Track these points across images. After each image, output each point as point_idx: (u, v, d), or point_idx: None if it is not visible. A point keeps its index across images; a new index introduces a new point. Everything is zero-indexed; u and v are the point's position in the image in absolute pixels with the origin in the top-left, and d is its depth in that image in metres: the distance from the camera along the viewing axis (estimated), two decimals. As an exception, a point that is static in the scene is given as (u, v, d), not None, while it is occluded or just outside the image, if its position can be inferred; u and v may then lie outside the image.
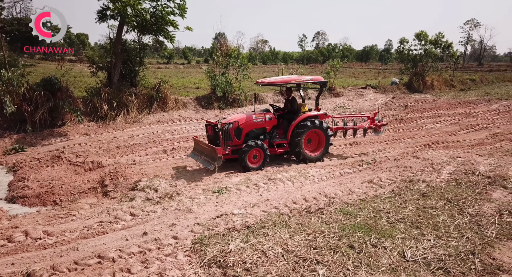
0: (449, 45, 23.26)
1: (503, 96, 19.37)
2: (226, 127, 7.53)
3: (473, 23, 71.63)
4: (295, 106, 8.22)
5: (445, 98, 18.92)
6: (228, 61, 13.82)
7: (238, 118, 7.78)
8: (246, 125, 7.63)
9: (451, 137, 10.43)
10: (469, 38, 75.01)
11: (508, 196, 5.43)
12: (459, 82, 26.22)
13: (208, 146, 7.28)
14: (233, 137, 7.54)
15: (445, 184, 6.02)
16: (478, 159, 7.66)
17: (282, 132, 8.11)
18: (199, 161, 7.51)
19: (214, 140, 7.41)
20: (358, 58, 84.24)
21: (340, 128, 9.32)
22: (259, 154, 7.47)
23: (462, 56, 59.50)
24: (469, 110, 15.31)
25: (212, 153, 7.03)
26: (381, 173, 6.79)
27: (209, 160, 7.20)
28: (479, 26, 71.62)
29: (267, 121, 7.86)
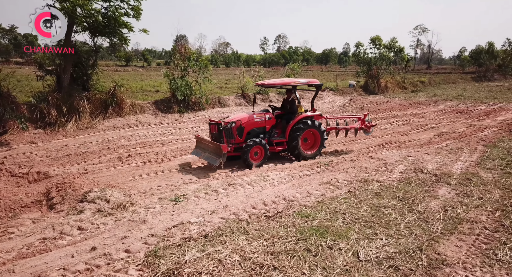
0: (401, 49, 24.67)
1: (448, 97, 20.86)
2: (229, 126, 7.83)
3: (421, 28, 76.69)
4: (294, 107, 8.59)
5: (397, 100, 19.98)
6: (187, 64, 13.55)
7: (241, 117, 8.10)
8: (248, 124, 8.02)
9: (403, 137, 10.99)
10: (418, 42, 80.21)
11: (452, 192, 5.79)
12: (410, 84, 27.86)
13: (213, 143, 7.65)
14: (235, 135, 7.89)
15: (397, 183, 6.30)
16: (426, 157, 8.13)
17: (280, 131, 8.54)
18: (203, 158, 7.83)
19: (217, 138, 7.83)
20: (318, 61, 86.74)
21: (333, 128, 9.77)
22: (260, 152, 7.88)
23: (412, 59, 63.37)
24: (419, 110, 16.28)
25: (217, 150, 7.43)
26: (338, 174, 6.97)
27: (214, 156, 7.54)
28: (426, 31, 76.87)
29: (267, 121, 8.29)
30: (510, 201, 5.27)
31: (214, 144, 7.62)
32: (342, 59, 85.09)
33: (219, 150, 7.35)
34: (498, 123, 12.70)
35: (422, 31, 77.67)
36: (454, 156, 8.26)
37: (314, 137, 8.71)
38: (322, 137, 8.65)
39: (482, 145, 9.16)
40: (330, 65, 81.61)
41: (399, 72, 29.73)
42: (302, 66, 20.97)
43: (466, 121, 13.44)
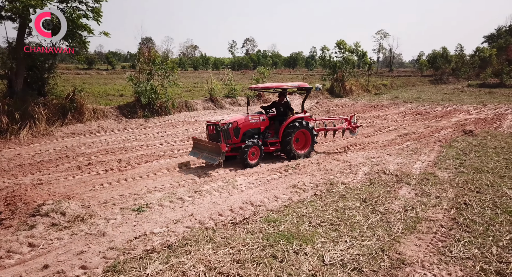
0: (364, 53, 25.62)
1: (408, 99, 21.93)
2: (226, 127, 8.12)
3: (383, 33, 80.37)
4: (290, 108, 9.13)
5: (362, 102, 20.70)
6: (152, 67, 13.20)
7: (237, 118, 8.43)
8: (244, 125, 8.38)
9: (367, 139, 11.36)
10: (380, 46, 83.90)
11: (411, 192, 6.03)
12: (373, 87, 29.01)
13: (211, 143, 8.03)
14: (232, 136, 8.22)
15: (361, 184, 6.47)
16: (388, 158, 8.43)
17: (274, 132, 8.97)
18: (202, 157, 8.13)
19: (215, 138, 8.19)
20: (286, 65, 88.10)
21: (322, 129, 10.21)
22: (256, 152, 8.25)
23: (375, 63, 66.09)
24: (381, 112, 16.94)
25: (216, 149, 7.79)
26: (305, 177, 7.05)
27: (213, 155, 7.86)
28: (388, 36, 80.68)
29: (261, 122, 8.70)
30: (463, 199, 5.57)
31: (212, 143, 7.99)
32: (309, 62, 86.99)
33: (218, 149, 7.73)
34: (452, 124, 13.50)
35: (383, 35, 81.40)
36: (414, 156, 8.64)
37: (305, 138, 9.13)
38: (313, 138, 9.08)
39: (439, 146, 9.66)
40: (298, 69, 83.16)
41: (363, 75, 30.87)
42: (271, 69, 21.12)
43: (425, 123, 14.16)
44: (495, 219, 4.83)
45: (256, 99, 19.53)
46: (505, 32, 64.71)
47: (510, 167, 7.40)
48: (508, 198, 5.60)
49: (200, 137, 11.28)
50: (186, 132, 11.98)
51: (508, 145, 9.37)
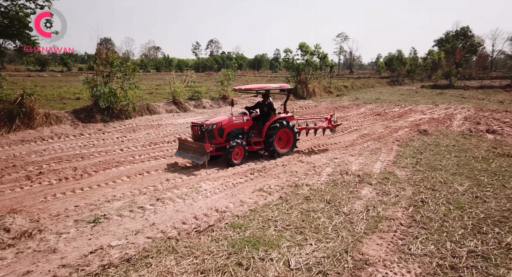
0: (325, 55, 26.31)
1: (368, 100, 22.84)
2: (210, 127, 8.30)
3: (343, 36, 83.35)
4: (273, 108, 9.35)
5: (324, 104, 21.24)
6: (110, 69, 12.59)
7: (221, 119, 8.66)
8: (228, 125, 8.61)
9: (330, 140, 11.62)
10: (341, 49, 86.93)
11: (373, 192, 6.22)
12: (335, 89, 29.91)
13: (196, 143, 8.21)
14: (216, 136, 8.40)
15: (325, 186, 6.57)
16: (350, 159, 8.67)
17: (257, 132, 9.23)
18: (187, 157, 8.32)
19: (200, 138, 8.35)
20: (250, 66, 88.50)
21: (304, 128, 10.64)
22: (240, 152, 8.52)
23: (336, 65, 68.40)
24: (343, 113, 17.47)
25: (201, 149, 7.97)
26: (271, 180, 7.04)
27: (198, 155, 8.06)
28: (348, 39, 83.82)
29: (245, 122, 8.95)
30: (420, 197, 5.83)
31: (197, 144, 8.17)
32: (273, 64, 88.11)
33: (203, 149, 7.91)
34: (409, 124, 14.22)
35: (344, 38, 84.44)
36: (374, 156, 8.95)
37: (288, 137, 9.47)
38: (295, 137, 9.46)
39: (397, 145, 10.11)
40: (263, 71, 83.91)
41: (325, 77, 31.73)
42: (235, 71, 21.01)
43: (383, 123, 14.79)
44: (448, 215, 5.09)
45: (221, 102, 19.37)
46: (452, 36, 69.86)
47: (460, 164, 7.89)
48: (459, 194, 5.95)
49: (163, 141, 10.95)
50: (148, 136, 11.56)
51: (458, 143, 10.01)
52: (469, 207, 5.35)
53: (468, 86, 33.73)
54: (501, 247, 4.16)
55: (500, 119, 13.76)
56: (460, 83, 36.24)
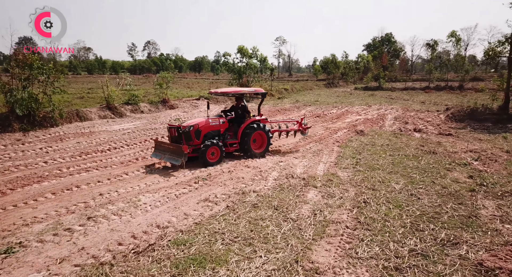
0: (264, 58, 26.69)
1: (307, 102, 23.68)
2: (188, 129, 8.52)
3: (281, 40, 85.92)
4: (247, 111, 9.72)
5: (267, 107, 21.48)
6: (29, 72, 11.15)
7: (198, 121, 8.88)
8: (204, 127, 8.82)
9: (274, 143, 11.66)
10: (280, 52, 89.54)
11: (318, 195, 6.28)
12: (276, 91, 30.54)
13: (173, 145, 8.41)
14: (193, 138, 8.61)
15: (272, 191, 6.48)
16: (295, 161, 8.75)
17: (233, 134, 9.53)
18: (164, 159, 8.45)
19: (177, 140, 8.63)
20: (191, 69, 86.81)
21: (277, 130, 11.15)
22: (216, 152, 8.65)
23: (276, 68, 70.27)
24: (285, 116, 17.81)
25: (178, 150, 8.14)
26: (217, 188, 6.75)
27: (175, 157, 8.21)
28: (285, 42, 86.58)
29: (221, 125, 9.21)
30: (362, 197, 6.03)
31: (174, 145, 8.36)
32: (214, 67, 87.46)
33: (180, 150, 8.06)
34: (346, 124, 14.97)
35: (282, 42, 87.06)
36: (317, 158, 9.16)
37: (262, 138, 9.78)
38: (268, 138, 9.76)
39: (337, 146, 10.51)
40: (204, 73, 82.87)
41: (267, 80, 32.28)
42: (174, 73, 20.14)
43: (323, 124, 15.35)
44: (389, 215, 5.31)
45: (160, 105, 18.48)
46: (378, 42, 76.28)
47: (395, 162, 8.42)
48: (396, 193, 6.29)
49: (96, 150, 9.98)
50: (78, 145, 10.45)
51: (391, 142, 10.75)
52: (406, 205, 5.66)
53: (395, 88, 36.95)
54: (437, 243, 4.41)
55: (424, 119, 15.20)
56: (387, 85, 39.56)
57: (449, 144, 10.33)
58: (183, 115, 17.26)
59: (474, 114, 14.53)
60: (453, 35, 33.02)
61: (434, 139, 11.19)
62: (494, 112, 14.34)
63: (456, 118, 14.77)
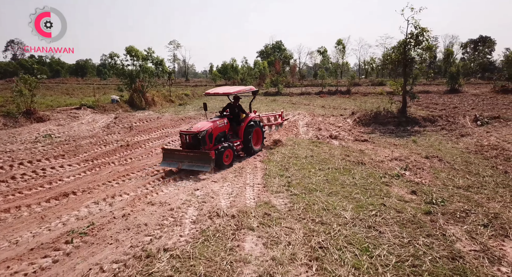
0: (160, 61, 23.84)
1: (213, 109, 21.82)
2: (203, 134, 8.33)
3: (175, 44, 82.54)
4: (242, 110, 9.79)
5: (168, 115, 18.91)
6: None
7: (208, 125, 8.65)
8: (215, 130, 8.78)
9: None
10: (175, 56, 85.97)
11: (259, 243, 4.49)
12: (176, 97, 27.93)
13: (197, 152, 8.18)
14: (208, 142, 8.50)
15: (192, 245, 4.44)
16: (215, 187, 6.87)
17: (232, 133, 9.59)
18: (186, 166, 8.10)
19: (195, 146, 8.41)
20: (72, 73, 75.87)
21: (266, 124, 11.34)
22: (230, 154, 8.67)
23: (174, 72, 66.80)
24: (191, 126, 15.66)
25: (205, 157, 7.99)
26: (103, 252, 4.36)
27: (201, 164, 8.03)
28: (180, 46, 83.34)
29: (226, 125, 9.17)
30: (316, 241, 4.51)
31: (198, 152, 8.10)
32: (101, 71, 78.23)
33: (207, 156, 7.90)
34: (260, 133, 13.73)
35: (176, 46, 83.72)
36: (240, 179, 7.46)
37: (258, 135, 10.14)
38: (263, 134, 10.31)
39: (259, 161, 9.02)
40: (89, 78, 73.27)
41: (164, 85, 29.34)
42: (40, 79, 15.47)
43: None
44: (360, 267, 3.91)
45: (23, 118, 14.08)
46: (270, 49, 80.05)
47: (329, 179, 7.32)
48: (351, 225, 5.00)
49: None
50: None
51: (314, 152, 9.80)
52: (373, 247, 4.36)
53: (293, 93, 38.31)
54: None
55: (334, 124, 15.10)
56: (286, 91, 40.88)
57: (371, 152, 9.94)
58: (58, 130, 13.41)
59: (378, 118, 15.14)
60: (340, 43, 36.03)
61: (354, 146, 10.76)
62: (394, 115, 15.19)
63: (362, 122, 15.12)
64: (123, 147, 11.10)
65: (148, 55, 22.36)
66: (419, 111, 18.08)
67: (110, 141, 11.87)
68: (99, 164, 9.05)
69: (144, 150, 10.92)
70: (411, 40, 14.35)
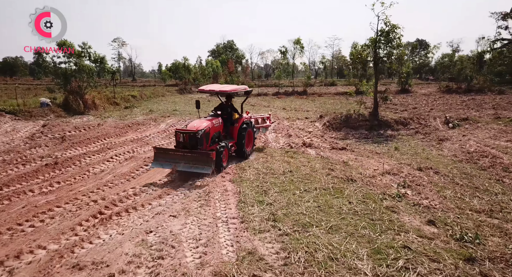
0: (101, 59, 20.80)
1: (165, 113, 19.55)
2: (201, 133, 7.77)
3: (120, 41, 76.91)
4: (235, 109, 9.55)
5: (112, 120, 16.28)
6: None
7: (207, 123, 8.14)
8: (212, 129, 8.27)
9: (125, 185, 7.43)
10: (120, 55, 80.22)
11: None
12: (122, 99, 24.96)
13: (193, 152, 7.59)
14: (204, 142, 7.91)
15: None
16: (174, 226, 5.07)
17: (225, 134, 9.17)
18: (182, 168, 7.57)
19: (193, 146, 7.74)
20: (0, 72, 67.22)
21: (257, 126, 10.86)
22: (226, 154, 8.33)
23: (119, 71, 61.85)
24: (140, 134, 13.34)
25: (205, 158, 7.46)
26: None
27: (201, 165, 7.48)
28: (125, 44, 77.87)
29: (221, 125, 8.85)
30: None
31: (198, 152, 7.59)
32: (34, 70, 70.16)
33: (208, 157, 7.42)
34: (222, 141, 11.98)
35: (121, 44, 78.08)
36: (208, 210, 5.71)
37: (249, 137, 9.68)
38: (254, 135, 10.02)
39: (229, 180, 7.30)
40: (19, 77, 65.28)
41: (107, 85, 26.12)
42: None
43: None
44: None
45: None
46: (222, 48, 78.09)
47: (321, 205, 5.85)
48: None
49: None
50: None
51: (291, 166, 8.30)
52: None
53: (249, 94, 36.89)
54: None
55: (304, 129, 13.77)
56: (242, 91, 39.26)
57: (355, 163, 8.69)
58: None
59: (349, 121, 14.15)
60: (298, 42, 35.28)
61: (334, 156, 9.47)
62: (366, 118, 14.32)
63: (333, 126, 14.03)
64: (49, 166, 8.63)
65: (84, 51, 19.27)
66: (387, 113, 17.56)
67: (32, 158, 9.28)
68: (8, 195, 6.65)
69: (78, 170, 8.58)
70: (381, 37, 13.59)
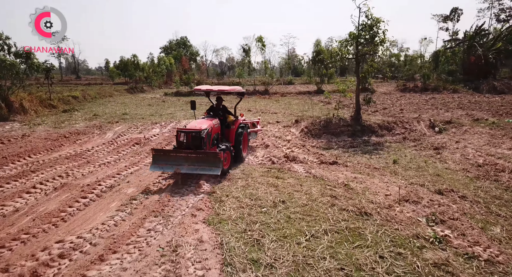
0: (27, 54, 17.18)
1: (112, 117, 16.72)
2: (205, 133, 7.52)
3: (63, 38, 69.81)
4: (228, 111, 9.12)
5: (43, 129, 13.24)
6: None
7: (209, 123, 7.86)
8: (213, 130, 8.01)
9: (47, 236, 5.12)
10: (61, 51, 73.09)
11: None
12: (60, 101, 21.45)
13: (199, 152, 7.20)
14: (206, 142, 7.61)
15: None
16: None
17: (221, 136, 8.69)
18: (184, 170, 7.07)
19: (196, 146, 7.43)
20: None
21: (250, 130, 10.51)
22: (228, 157, 7.93)
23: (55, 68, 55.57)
24: (79, 147, 10.67)
25: (213, 158, 7.09)
26: None
27: (208, 166, 7.09)
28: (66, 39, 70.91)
29: (219, 127, 8.48)
30: None
31: (203, 153, 7.20)
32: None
33: (216, 158, 7.06)
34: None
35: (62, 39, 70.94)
36: (181, 262, 3.73)
37: (244, 141, 9.34)
38: (249, 139, 9.96)
39: (202, 221, 5.31)
40: None
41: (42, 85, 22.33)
42: None
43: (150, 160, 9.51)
44: None
45: None
46: (175, 44, 74.19)
47: (347, 269, 4.15)
48: None
49: None
50: None
51: (281, 193, 6.50)
52: None
53: (207, 93, 34.58)
54: None
55: (281, 138, 12.00)
56: (198, 90, 36.79)
57: (358, 186, 7.06)
58: None
59: (329, 127, 12.71)
60: (260, 40, 33.61)
61: (328, 175, 7.80)
62: (348, 123, 13.00)
63: (312, 133, 12.49)
64: None
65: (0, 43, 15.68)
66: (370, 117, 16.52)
67: None
68: None
69: (-17, 210, 6.01)
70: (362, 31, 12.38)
